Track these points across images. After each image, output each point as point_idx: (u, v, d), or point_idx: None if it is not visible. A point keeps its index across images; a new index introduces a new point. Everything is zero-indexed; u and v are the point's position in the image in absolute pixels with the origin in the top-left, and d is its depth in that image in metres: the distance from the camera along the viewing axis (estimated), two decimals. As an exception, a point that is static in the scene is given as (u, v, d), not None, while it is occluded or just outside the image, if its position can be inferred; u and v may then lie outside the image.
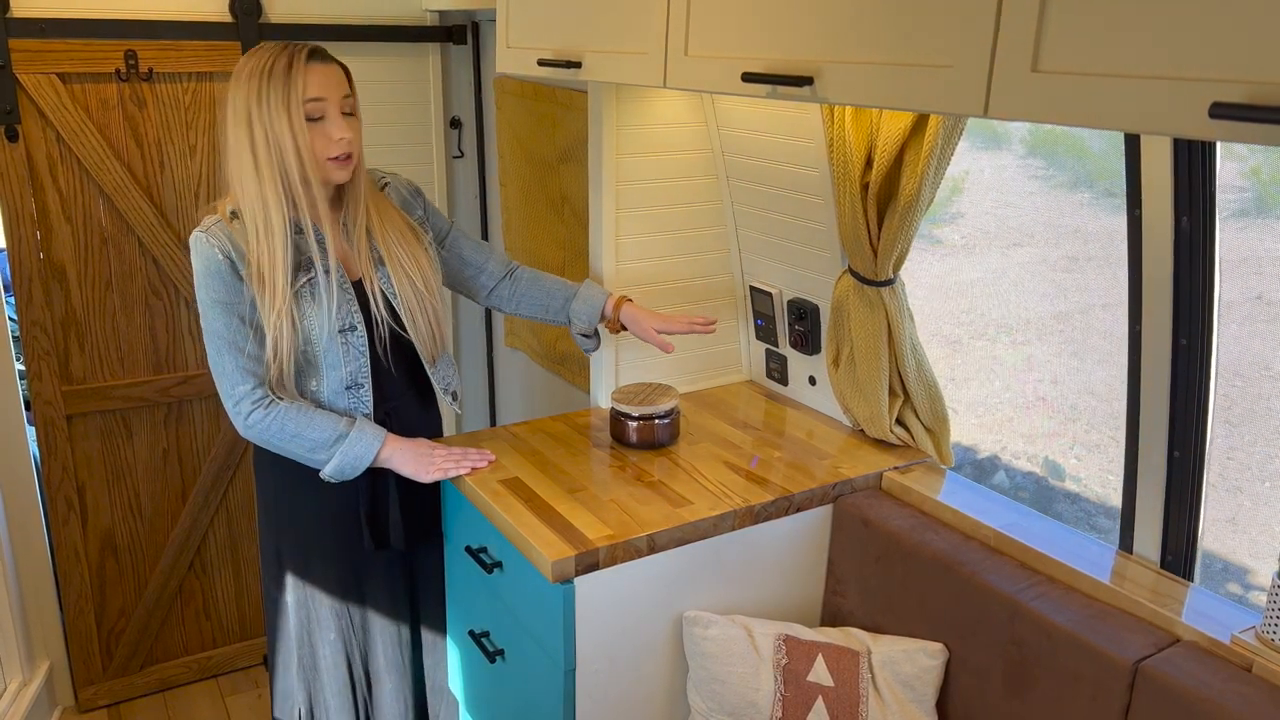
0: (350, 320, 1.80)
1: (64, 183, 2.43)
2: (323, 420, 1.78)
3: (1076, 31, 0.98)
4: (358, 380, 1.83)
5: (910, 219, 1.76)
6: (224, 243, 1.72)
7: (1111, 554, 1.65)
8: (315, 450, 1.78)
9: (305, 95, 1.67)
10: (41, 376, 2.50)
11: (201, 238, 1.72)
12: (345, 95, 1.73)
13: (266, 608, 2.03)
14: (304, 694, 2.01)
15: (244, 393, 1.76)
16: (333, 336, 1.78)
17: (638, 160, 2.13)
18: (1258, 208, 3.12)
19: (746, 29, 1.40)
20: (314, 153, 1.70)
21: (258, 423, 1.76)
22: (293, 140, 1.68)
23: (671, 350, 2.02)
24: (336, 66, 1.74)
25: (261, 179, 1.70)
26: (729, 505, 1.76)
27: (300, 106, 1.67)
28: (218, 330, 1.74)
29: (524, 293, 2.10)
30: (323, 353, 1.79)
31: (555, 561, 1.59)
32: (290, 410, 1.77)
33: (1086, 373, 3.72)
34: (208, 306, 1.74)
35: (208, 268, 1.72)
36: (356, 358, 1.82)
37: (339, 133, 1.71)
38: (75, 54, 2.35)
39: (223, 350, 1.75)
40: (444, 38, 2.79)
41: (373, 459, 1.81)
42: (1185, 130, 0.89)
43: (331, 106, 1.70)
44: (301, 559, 1.95)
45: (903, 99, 1.18)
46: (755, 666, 1.70)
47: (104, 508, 2.66)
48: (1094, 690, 1.43)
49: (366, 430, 1.81)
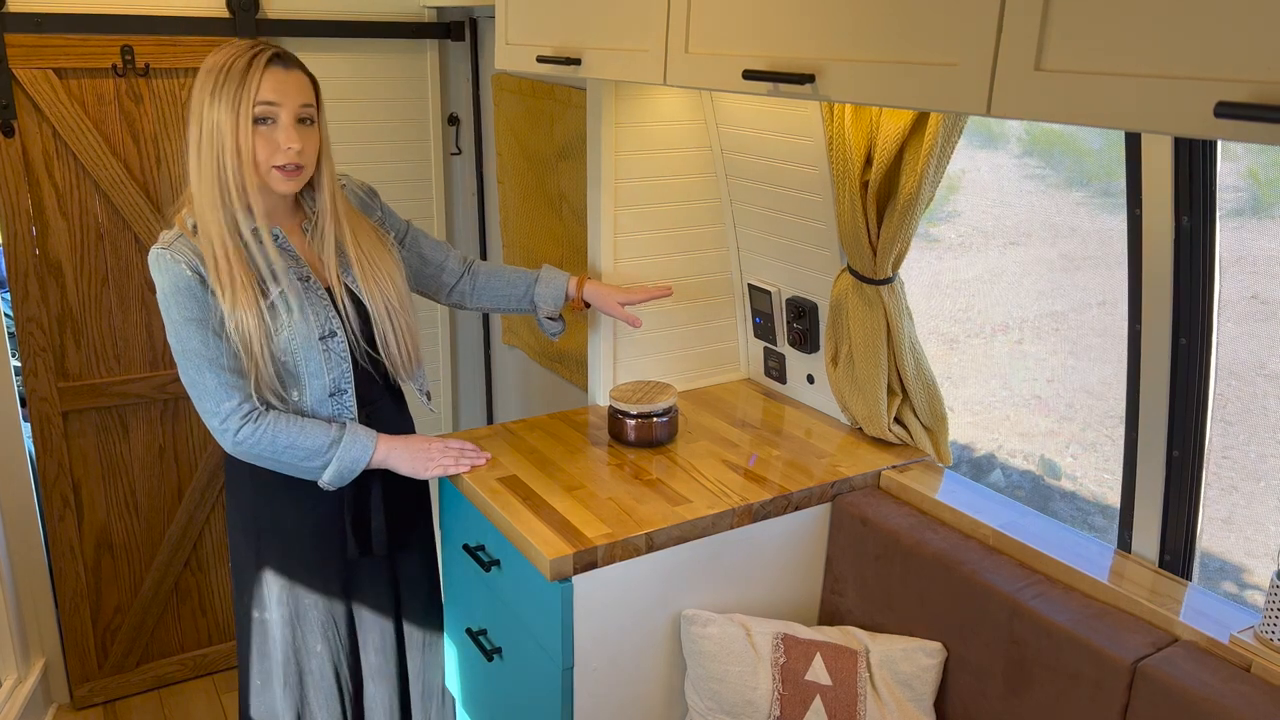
0: (330, 326, 1.75)
1: (60, 178, 2.42)
2: (314, 427, 1.74)
3: (1080, 30, 0.98)
4: (340, 386, 1.79)
5: (910, 217, 1.76)
6: (190, 257, 1.65)
7: (1110, 553, 1.65)
8: (310, 458, 1.73)
9: (257, 97, 1.61)
10: (37, 373, 2.49)
11: (165, 255, 1.64)
12: (305, 104, 1.66)
13: (240, 625, 1.96)
14: (291, 712, 1.96)
15: (230, 409, 1.69)
16: (312, 345, 1.73)
17: (636, 158, 2.12)
18: (1253, 208, 3.13)
19: (747, 26, 1.40)
20: (255, 157, 1.64)
21: (248, 438, 1.70)
22: (234, 140, 1.62)
23: (639, 324, 2.03)
24: (300, 74, 1.67)
25: (202, 178, 1.65)
26: (727, 504, 1.76)
27: (250, 108, 1.61)
28: (194, 349, 1.67)
29: (483, 286, 2.08)
30: (303, 361, 1.74)
31: (553, 560, 1.59)
32: (280, 420, 1.72)
33: (1083, 371, 3.73)
34: (180, 325, 1.66)
35: (176, 285, 1.64)
36: (339, 363, 1.77)
37: (287, 141, 1.64)
38: (72, 49, 2.34)
39: (203, 369, 1.67)
40: (442, 34, 2.79)
41: (369, 459, 1.78)
42: (1190, 130, 0.89)
43: (285, 113, 1.64)
44: (286, 572, 1.89)
45: (905, 97, 1.18)
46: (753, 665, 1.70)
47: (99, 504, 2.65)
48: (1093, 690, 1.43)
49: (359, 433, 1.78)
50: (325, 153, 1.75)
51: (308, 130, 1.68)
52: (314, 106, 1.70)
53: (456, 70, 2.91)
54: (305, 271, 1.75)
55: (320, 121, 1.72)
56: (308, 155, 1.68)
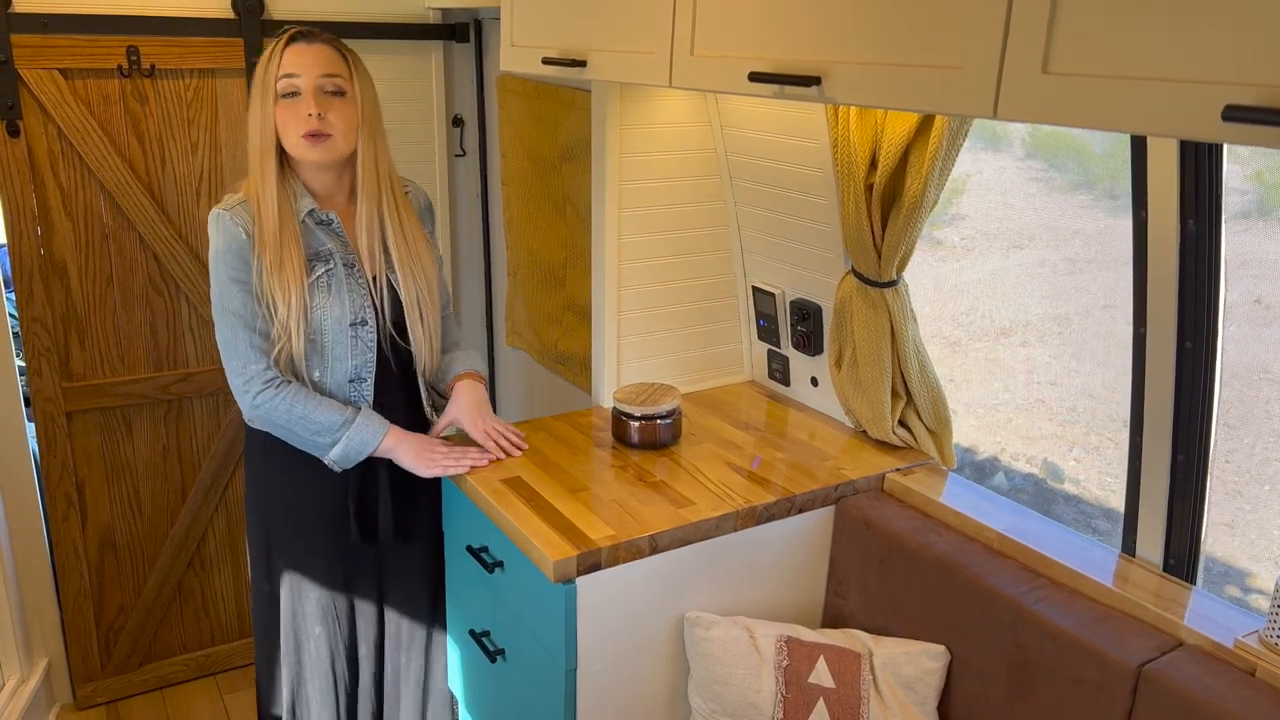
0: (363, 315, 1.83)
1: (65, 178, 2.42)
2: (330, 405, 1.80)
3: (1087, 33, 0.98)
4: (361, 374, 1.85)
5: (914, 220, 1.76)
6: (247, 222, 1.74)
7: (1114, 557, 1.64)
8: (321, 433, 1.79)
9: (279, 72, 1.71)
10: (41, 373, 2.49)
11: (225, 215, 1.75)
12: (327, 74, 1.73)
13: (254, 600, 2.03)
14: (289, 688, 2.01)
15: (256, 371, 1.76)
16: (343, 329, 1.80)
17: (641, 160, 2.12)
18: (1260, 211, 3.12)
19: (753, 28, 1.40)
20: (284, 129, 1.73)
21: (266, 402, 1.76)
22: (262, 117, 1.73)
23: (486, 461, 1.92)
24: (323, 46, 1.74)
25: (250, 158, 1.77)
26: (731, 506, 1.76)
27: (274, 83, 1.71)
28: (233, 308, 1.75)
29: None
30: (331, 344, 1.81)
31: (557, 561, 1.59)
32: (300, 392, 1.78)
33: (1086, 375, 3.73)
34: (225, 284, 1.75)
35: (229, 245, 1.74)
36: (364, 351, 1.84)
37: (307, 107, 1.71)
38: (77, 49, 2.34)
39: (237, 328, 1.76)
40: (447, 35, 2.79)
41: (376, 446, 1.82)
42: (1198, 133, 0.89)
43: (305, 82, 1.72)
44: (290, 552, 1.95)
45: (911, 100, 1.18)
46: (756, 668, 1.70)
47: (103, 505, 2.65)
48: (1097, 694, 1.43)
49: (372, 418, 1.83)
50: (369, 131, 1.80)
51: (334, 100, 1.75)
52: (341, 77, 1.75)
53: (461, 72, 2.91)
54: (351, 258, 1.83)
55: (358, 96, 1.77)
56: (334, 124, 1.74)
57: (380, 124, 1.84)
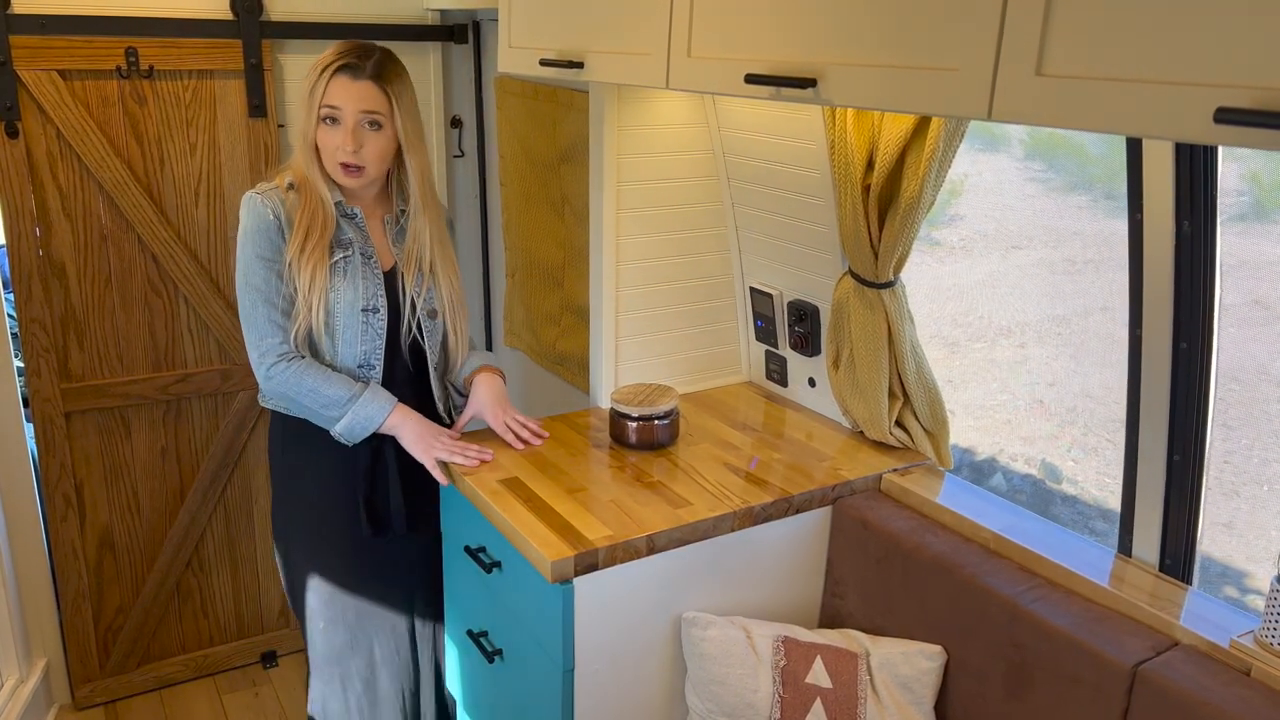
0: (374, 303, 1.92)
1: (64, 179, 2.42)
2: (339, 379, 1.89)
3: (1081, 35, 0.98)
4: (369, 361, 1.94)
5: (911, 221, 1.76)
6: (276, 205, 1.86)
7: (1110, 557, 1.65)
8: (329, 406, 1.87)
9: (323, 101, 1.83)
10: (40, 373, 2.50)
11: (256, 197, 1.87)
12: (366, 110, 1.83)
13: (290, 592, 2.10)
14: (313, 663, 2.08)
15: (272, 345, 1.87)
16: (354, 314, 1.90)
17: (639, 161, 2.13)
18: (1256, 212, 3.13)
19: (750, 30, 1.40)
20: (324, 149, 1.86)
21: (279, 374, 1.86)
22: (305, 125, 1.86)
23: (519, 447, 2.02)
24: (367, 84, 1.82)
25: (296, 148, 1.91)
26: (728, 506, 1.77)
27: (317, 108, 1.83)
28: (256, 285, 1.86)
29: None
30: (342, 328, 1.90)
31: (554, 562, 1.59)
32: (312, 366, 1.88)
33: (1084, 376, 3.73)
34: (251, 261, 1.86)
35: (258, 225, 1.85)
36: (373, 339, 1.93)
37: (344, 142, 1.83)
38: (76, 50, 2.34)
39: (257, 303, 1.86)
40: (445, 37, 2.79)
41: (382, 421, 1.89)
42: (1190, 135, 0.89)
43: (346, 115, 1.82)
44: (302, 539, 2.02)
45: (907, 101, 1.18)
46: (754, 668, 1.70)
47: (102, 505, 2.66)
48: (1093, 693, 1.43)
49: (380, 394, 1.91)
50: (411, 148, 1.90)
51: (371, 133, 1.85)
52: (381, 114, 1.85)
53: (459, 73, 2.91)
54: (370, 250, 1.93)
55: (397, 125, 1.86)
56: (367, 157, 1.85)
57: (422, 137, 1.93)
